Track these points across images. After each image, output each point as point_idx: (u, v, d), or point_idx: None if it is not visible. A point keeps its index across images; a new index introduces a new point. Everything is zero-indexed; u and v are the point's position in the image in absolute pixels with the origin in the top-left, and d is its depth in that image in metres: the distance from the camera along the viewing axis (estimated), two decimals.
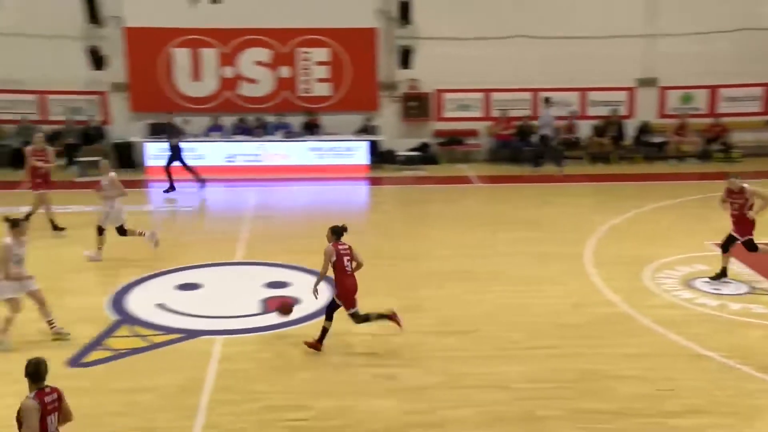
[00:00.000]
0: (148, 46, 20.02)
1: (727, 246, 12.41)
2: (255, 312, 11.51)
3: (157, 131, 20.14)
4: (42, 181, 15.14)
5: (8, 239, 10.05)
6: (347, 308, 9.91)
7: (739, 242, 12.29)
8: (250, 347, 10.33)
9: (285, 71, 20.92)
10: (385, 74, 21.31)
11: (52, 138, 20.00)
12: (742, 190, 12.21)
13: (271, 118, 20.93)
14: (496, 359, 9.91)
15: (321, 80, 21.09)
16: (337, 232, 9.96)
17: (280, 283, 12.60)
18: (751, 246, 12.23)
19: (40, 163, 15.04)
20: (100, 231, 13.57)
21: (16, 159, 19.35)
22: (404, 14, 20.48)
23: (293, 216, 17.23)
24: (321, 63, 20.98)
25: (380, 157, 21.15)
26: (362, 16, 20.57)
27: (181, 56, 20.27)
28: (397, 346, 10.29)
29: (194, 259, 13.60)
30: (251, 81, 20.83)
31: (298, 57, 20.87)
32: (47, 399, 6.52)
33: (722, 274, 12.42)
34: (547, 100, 20.89)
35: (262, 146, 20.24)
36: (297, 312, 10.73)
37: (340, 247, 9.88)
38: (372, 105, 21.37)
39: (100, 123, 20.36)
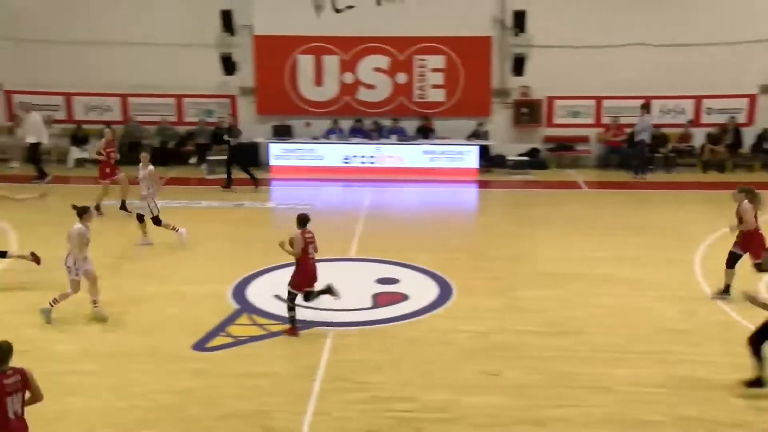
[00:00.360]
0: (275, 52, 20.52)
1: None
2: (366, 306, 11.56)
3: (280, 133, 20.62)
4: (110, 171, 15.96)
5: (80, 225, 10.59)
6: (300, 289, 10.30)
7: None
8: (360, 339, 10.38)
9: (402, 77, 20.98)
10: (497, 81, 21.03)
11: (186, 138, 20.84)
12: (739, 206, 11.37)
13: (386, 122, 21.04)
14: (600, 361, 9.59)
15: (435, 86, 21.03)
16: (302, 221, 10.38)
17: (390, 279, 12.62)
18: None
19: (112, 155, 15.94)
20: (140, 218, 14.19)
21: (156, 156, 20.23)
22: (519, 23, 20.15)
23: (405, 216, 17.24)
24: (436, 70, 20.91)
25: (490, 161, 20.89)
26: (478, 25, 20.38)
27: (305, 62, 20.67)
28: (501, 344, 10.12)
29: None
30: (369, 86, 21.00)
31: (414, 64, 20.89)
32: (7, 381, 6.45)
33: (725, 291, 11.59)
34: (644, 106, 20.08)
35: (378, 149, 20.37)
36: (406, 308, 10.70)
37: (307, 235, 10.28)
38: (484, 111, 21.14)
39: (229, 125, 21.02)
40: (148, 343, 10.15)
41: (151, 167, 14.55)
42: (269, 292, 11.95)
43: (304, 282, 10.37)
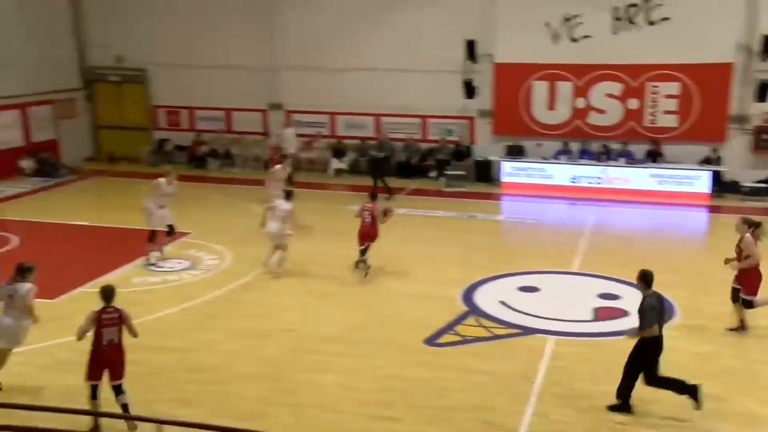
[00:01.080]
0: (513, 78, 20.46)
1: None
2: (586, 318, 11.15)
3: (513, 152, 20.52)
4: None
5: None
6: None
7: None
8: (579, 349, 10.03)
9: (633, 103, 19.95)
10: (736, 107, 19.26)
11: (427, 154, 21.42)
12: (741, 239, 10.07)
13: (615, 145, 20.11)
14: None
15: (667, 112, 19.73)
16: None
17: (611, 295, 12.05)
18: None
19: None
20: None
21: (402, 170, 21.08)
22: (767, 48, 18.29)
23: (629, 235, 16.34)
24: (669, 96, 19.61)
25: (722, 186, 19.17)
26: (720, 52, 18.81)
27: (539, 88, 20.39)
28: (727, 369, 9.25)
29: (535, 266, 13.58)
30: (600, 111, 20.22)
31: (647, 90, 19.77)
32: (105, 316, 7.76)
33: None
34: None
35: (605, 170, 19.54)
36: (626, 323, 10.13)
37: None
38: (718, 136, 19.46)
39: (467, 143, 21.31)
40: (387, 334, 10.57)
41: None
42: (495, 297, 11.93)
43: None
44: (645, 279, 8.04)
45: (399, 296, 12.10)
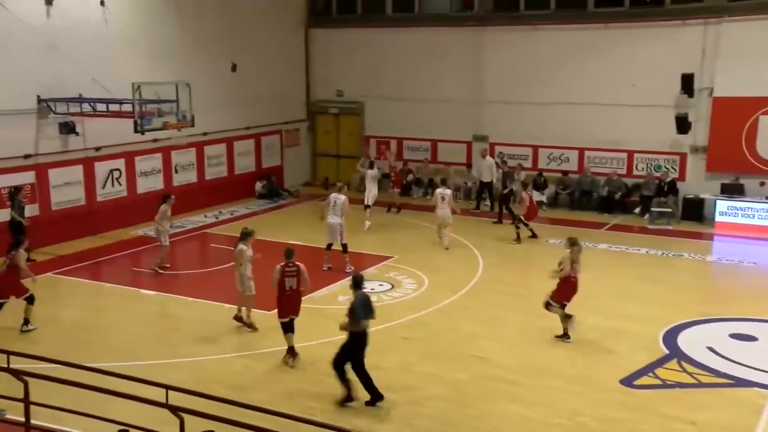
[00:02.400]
0: (734, 113, 18.79)
1: None
2: None
3: (730, 190, 18.80)
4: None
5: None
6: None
7: None
8: None
9: None
10: None
11: (631, 190, 20.27)
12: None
13: None
14: None
15: None
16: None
17: None
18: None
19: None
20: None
21: (604, 205, 20.17)
22: None
23: None
24: None
25: None
26: None
27: (765, 123, 18.55)
28: None
29: (752, 312, 12.26)
30: None
31: None
32: (288, 269, 10.14)
33: None
34: None
35: None
36: None
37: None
38: None
39: (674, 179, 19.90)
40: (580, 370, 10.09)
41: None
42: (703, 342, 10.95)
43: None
44: (355, 282, 9.27)
45: (595, 331, 11.51)
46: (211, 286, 13.74)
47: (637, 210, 19.77)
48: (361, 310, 9.06)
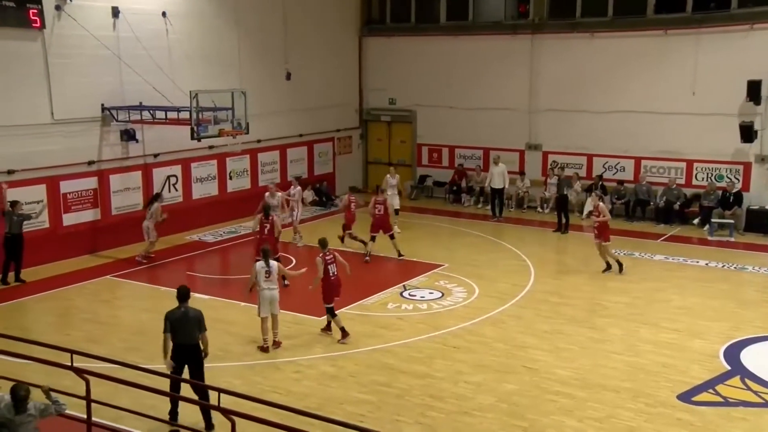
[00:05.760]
0: None
1: None
2: None
3: None
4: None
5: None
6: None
7: None
8: None
9: None
10: None
11: (691, 200, 19.68)
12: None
13: None
14: None
15: None
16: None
17: None
18: None
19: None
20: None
21: (660, 215, 19.63)
22: None
23: None
24: None
25: None
26: None
27: None
28: None
29: None
30: None
31: None
32: (327, 257, 11.27)
33: None
34: None
35: None
36: None
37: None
38: None
39: (740, 190, 19.23)
40: (636, 384, 9.82)
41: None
42: None
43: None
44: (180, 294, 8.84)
45: (651, 344, 11.20)
46: None
47: (696, 221, 19.19)
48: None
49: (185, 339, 8.54)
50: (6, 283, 14.12)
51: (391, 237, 16.20)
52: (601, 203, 15.07)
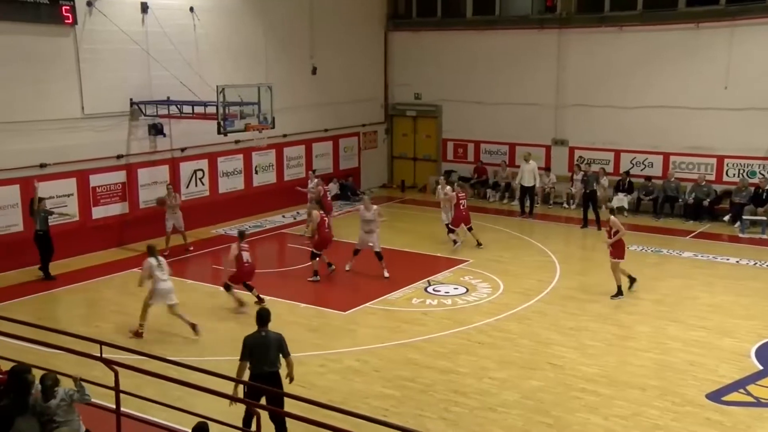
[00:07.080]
0: None
1: None
2: None
3: None
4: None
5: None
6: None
7: None
8: None
9: None
10: None
11: (721, 197, 19.35)
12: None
13: None
14: None
15: None
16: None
17: None
18: None
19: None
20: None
21: (689, 211, 19.33)
22: None
23: None
24: None
25: None
26: None
27: None
28: None
29: None
30: None
31: None
32: (243, 245, 12.41)
33: None
34: None
35: None
36: None
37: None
38: None
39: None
40: (664, 382, 9.68)
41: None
42: None
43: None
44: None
45: (680, 342, 11.03)
46: (287, 286, 13.94)
47: (726, 218, 18.86)
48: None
49: (265, 366, 7.76)
50: (51, 277, 14.28)
51: (470, 229, 16.66)
52: (612, 216, 13.25)
